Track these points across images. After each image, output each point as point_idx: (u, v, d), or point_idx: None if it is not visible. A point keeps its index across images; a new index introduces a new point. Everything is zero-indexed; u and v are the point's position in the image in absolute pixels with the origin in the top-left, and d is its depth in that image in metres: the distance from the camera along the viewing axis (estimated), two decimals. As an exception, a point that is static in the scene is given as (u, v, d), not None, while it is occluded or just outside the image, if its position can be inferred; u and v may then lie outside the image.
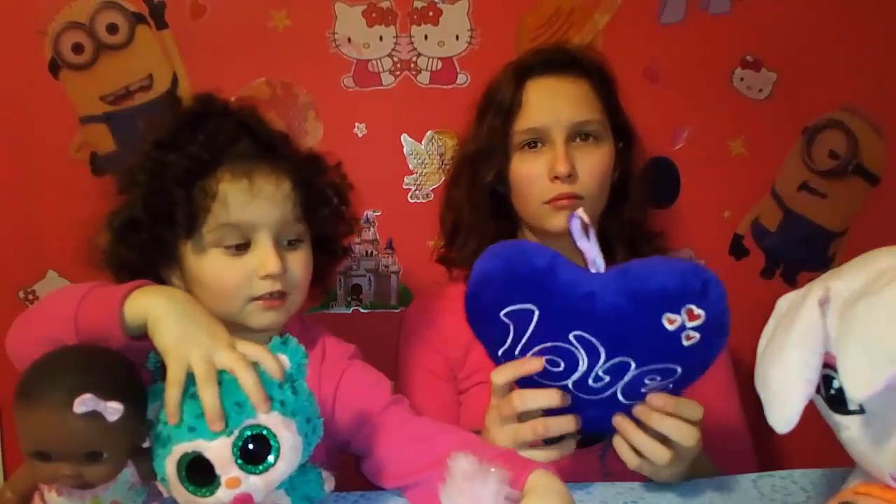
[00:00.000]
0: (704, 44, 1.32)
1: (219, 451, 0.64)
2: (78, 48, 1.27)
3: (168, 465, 0.65)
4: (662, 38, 1.32)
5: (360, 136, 1.32)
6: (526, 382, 0.79)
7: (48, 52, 1.27)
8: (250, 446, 0.64)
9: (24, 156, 1.28)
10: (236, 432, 0.64)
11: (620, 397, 0.77)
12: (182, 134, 0.87)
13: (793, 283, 1.39)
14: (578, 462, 0.83)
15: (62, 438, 0.65)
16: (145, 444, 0.69)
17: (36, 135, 1.28)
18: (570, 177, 0.97)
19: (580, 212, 0.79)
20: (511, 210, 1.06)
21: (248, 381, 0.66)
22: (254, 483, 0.64)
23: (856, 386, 0.55)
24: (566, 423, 0.78)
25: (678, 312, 0.72)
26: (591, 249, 0.77)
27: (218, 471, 0.64)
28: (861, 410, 0.59)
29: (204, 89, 1.27)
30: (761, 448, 1.07)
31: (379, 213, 1.34)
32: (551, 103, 0.99)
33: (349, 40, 1.30)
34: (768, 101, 1.35)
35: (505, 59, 1.09)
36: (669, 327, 0.72)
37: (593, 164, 0.99)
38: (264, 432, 0.65)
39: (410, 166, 1.34)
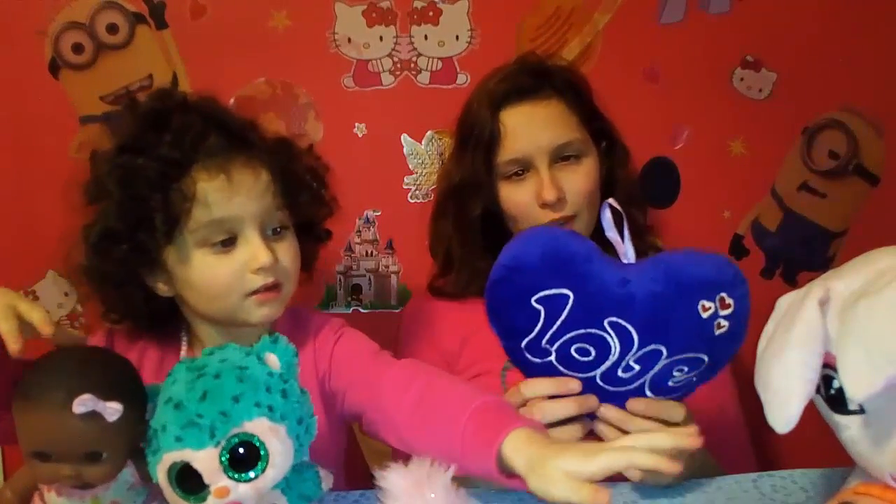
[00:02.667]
0: (704, 44, 1.33)
1: (206, 461, 0.63)
2: (78, 48, 1.27)
3: (159, 473, 0.65)
4: (662, 38, 1.32)
5: (360, 136, 1.32)
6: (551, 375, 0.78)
7: (48, 52, 1.27)
8: (240, 450, 0.64)
9: (24, 156, 1.29)
10: (223, 442, 0.64)
11: (647, 390, 0.76)
12: (147, 135, 0.84)
13: (793, 283, 1.39)
14: None
15: (62, 439, 0.65)
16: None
17: (36, 135, 1.28)
18: (560, 201, 0.98)
19: (612, 201, 0.80)
20: (506, 236, 1.05)
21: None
22: (243, 491, 0.64)
23: (856, 386, 0.55)
24: (573, 432, 0.77)
25: (713, 300, 0.73)
26: (622, 241, 0.77)
27: (206, 480, 0.63)
28: (861, 410, 0.59)
29: (204, 89, 1.29)
30: (761, 448, 1.08)
31: (379, 213, 1.34)
32: (529, 131, 1.00)
33: (349, 40, 1.30)
34: (768, 101, 1.35)
35: (505, 59, 1.10)
36: (704, 314, 0.73)
37: (580, 182, 1.00)
38: (252, 440, 0.64)
39: (410, 166, 1.34)
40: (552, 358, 0.76)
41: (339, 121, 1.32)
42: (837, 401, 0.60)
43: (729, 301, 0.73)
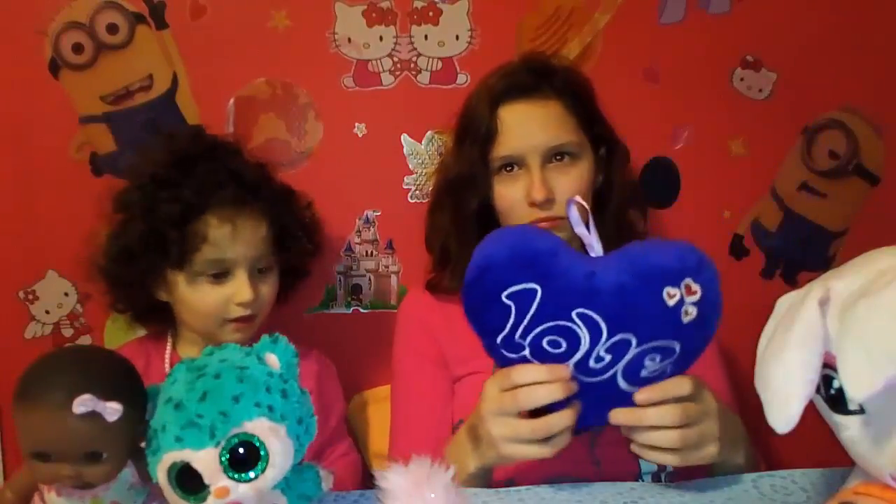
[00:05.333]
0: (704, 44, 1.32)
1: (206, 461, 0.63)
2: (78, 48, 1.27)
3: (159, 472, 0.65)
4: (662, 38, 1.32)
5: (360, 136, 1.32)
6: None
7: (48, 52, 1.27)
8: (240, 451, 0.64)
9: (24, 156, 1.29)
10: (223, 442, 0.63)
11: (620, 380, 0.77)
12: (174, 173, 1.00)
13: (793, 283, 1.39)
14: (568, 450, 0.82)
15: (61, 439, 0.65)
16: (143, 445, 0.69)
17: (36, 135, 1.28)
18: (548, 201, 0.98)
19: (578, 198, 0.82)
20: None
21: None
22: (243, 491, 0.64)
23: (856, 386, 0.55)
24: (566, 419, 0.77)
25: (677, 286, 0.73)
26: (589, 236, 0.79)
27: (206, 480, 0.63)
28: (861, 410, 0.59)
29: (204, 89, 1.29)
30: (761, 448, 1.07)
31: (379, 213, 1.34)
32: (524, 129, 1.00)
33: (349, 40, 1.30)
34: (768, 101, 1.35)
35: (505, 59, 1.10)
36: (670, 302, 0.73)
37: (570, 183, 1.00)
38: (252, 440, 0.64)
39: (410, 166, 1.34)
40: (526, 352, 0.77)
41: (339, 121, 1.32)
42: (837, 401, 0.60)
43: (695, 287, 0.73)
